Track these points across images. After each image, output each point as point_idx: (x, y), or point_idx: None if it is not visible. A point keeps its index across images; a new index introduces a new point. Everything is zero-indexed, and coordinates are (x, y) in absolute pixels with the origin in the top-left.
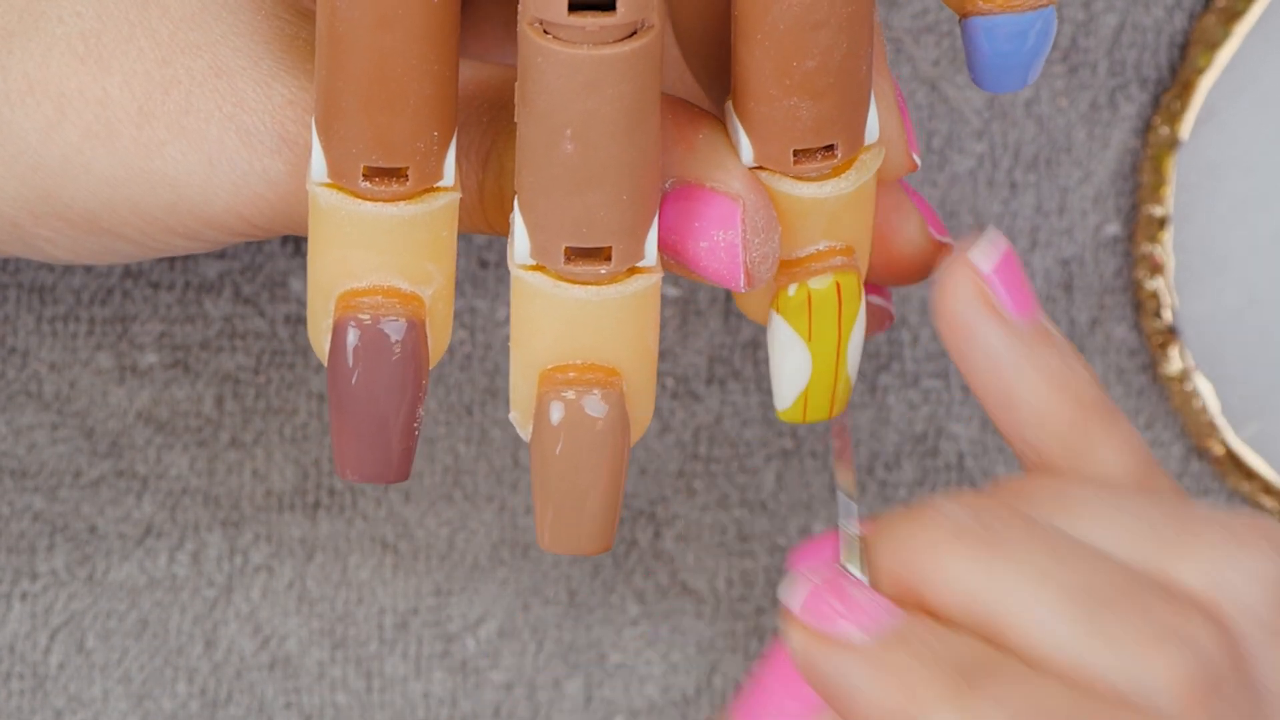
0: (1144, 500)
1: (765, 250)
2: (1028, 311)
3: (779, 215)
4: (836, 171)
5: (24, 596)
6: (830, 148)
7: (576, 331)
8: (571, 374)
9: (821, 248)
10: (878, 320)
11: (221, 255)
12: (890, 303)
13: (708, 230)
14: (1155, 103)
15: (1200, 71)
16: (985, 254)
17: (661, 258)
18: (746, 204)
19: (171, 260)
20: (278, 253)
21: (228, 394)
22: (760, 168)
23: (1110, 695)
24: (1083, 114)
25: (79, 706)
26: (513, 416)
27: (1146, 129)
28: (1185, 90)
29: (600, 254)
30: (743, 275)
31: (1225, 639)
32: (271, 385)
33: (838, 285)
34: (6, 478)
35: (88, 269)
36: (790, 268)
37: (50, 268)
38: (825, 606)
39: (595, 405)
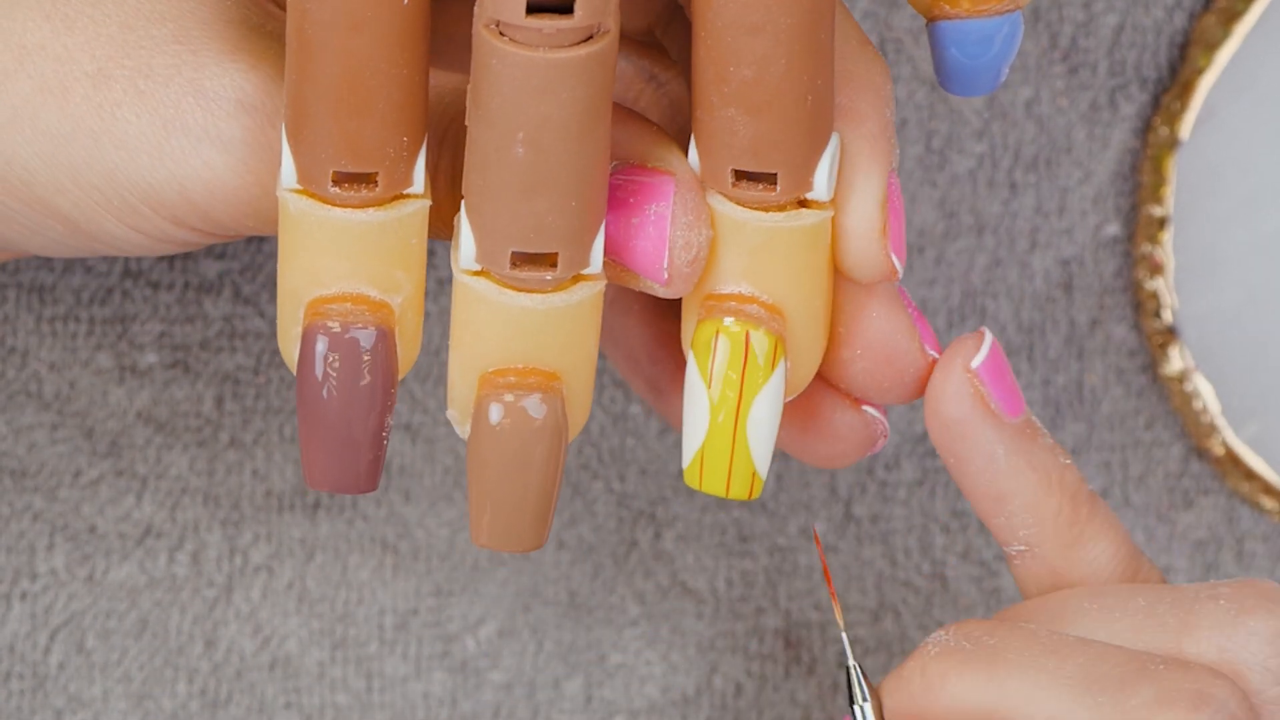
0: (1139, 592)
1: (691, 237)
2: (1017, 408)
3: None
4: (771, 208)
5: (24, 596)
6: (772, 179)
7: (520, 337)
8: (512, 377)
9: (744, 291)
10: (869, 436)
11: (221, 255)
12: (884, 416)
13: (641, 205)
14: (1155, 103)
15: (1200, 71)
16: (978, 354)
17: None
18: (680, 179)
19: (171, 260)
20: (277, 252)
21: (228, 394)
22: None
23: None
24: (1083, 114)
25: (79, 706)
26: (450, 414)
27: (1146, 129)
28: (1185, 90)
29: (546, 259)
30: (666, 254)
31: (1241, 694)
32: (271, 385)
33: (746, 335)
34: (6, 478)
35: (88, 268)
36: (708, 300)
37: (50, 267)
38: None
39: (535, 407)
